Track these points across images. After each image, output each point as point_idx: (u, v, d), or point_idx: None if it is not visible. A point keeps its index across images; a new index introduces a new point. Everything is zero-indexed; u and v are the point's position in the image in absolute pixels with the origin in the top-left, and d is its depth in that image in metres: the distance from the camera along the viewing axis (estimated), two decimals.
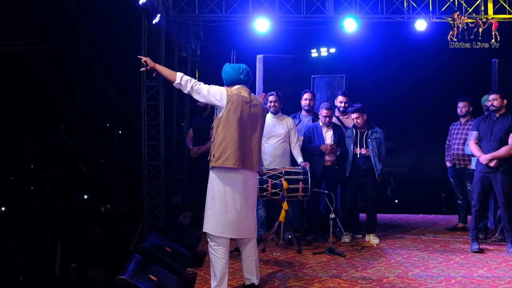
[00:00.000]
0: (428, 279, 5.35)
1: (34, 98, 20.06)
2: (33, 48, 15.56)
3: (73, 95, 23.30)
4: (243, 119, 4.69)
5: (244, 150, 4.70)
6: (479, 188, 6.42)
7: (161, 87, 8.47)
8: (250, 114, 4.74)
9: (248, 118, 4.73)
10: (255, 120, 4.79)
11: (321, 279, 5.36)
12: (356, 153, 6.92)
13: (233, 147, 4.64)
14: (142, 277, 4.44)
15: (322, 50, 17.88)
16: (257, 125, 4.82)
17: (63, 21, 16.53)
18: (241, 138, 4.67)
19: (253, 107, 4.77)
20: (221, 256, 4.71)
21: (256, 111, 4.80)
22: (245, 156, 4.71)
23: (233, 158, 4.64)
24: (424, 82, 17.26)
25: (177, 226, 6.57)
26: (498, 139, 6.29)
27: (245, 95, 4.76)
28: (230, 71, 4.84)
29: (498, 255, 6.26)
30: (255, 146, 4.79)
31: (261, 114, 4.87)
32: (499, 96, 6.38)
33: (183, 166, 9.68)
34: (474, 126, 6.54)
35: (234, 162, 4.64)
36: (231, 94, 4.68)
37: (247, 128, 4.73)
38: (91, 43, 17.24)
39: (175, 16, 8.81)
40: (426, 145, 20.88)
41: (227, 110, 4.65)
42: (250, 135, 4.76)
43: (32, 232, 10.78)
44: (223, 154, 4.64)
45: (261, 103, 4.91)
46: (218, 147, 4.66)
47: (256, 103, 4.82)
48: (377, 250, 6.60)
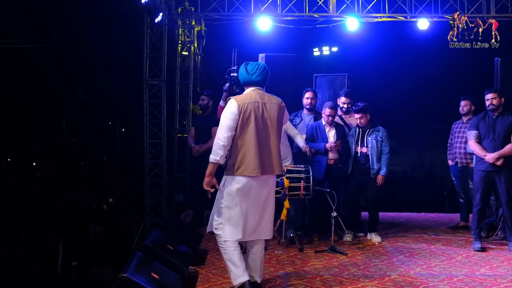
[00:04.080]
0: (430, 277, 5.36)
1: (36, 96, 20.04)
2: (35, 47, 15.58)
3: (75, 93, 23.29)
4: (258, 125, 4.61)
5: (263, 156, 4.64)
6: (482, 187, 6.42)
7: (163, 85, 8.47)
8: (264, 117, 4.65)
9: (262, 122, 4.64)
10: (271, 121, 4.68)
11: (323, 277, 5.37)
12: (357, 151, 6.95)
13: (251, 156, 4.58)
14: (144, 274, 4.45)
15: (324, 49, 17.85)
16: (274, 126, 4.70)
17: (65, 20, 16.51)
18: (259, 145, 4.61)
19: (267, 110, 4.66)
20: (234, 248, 4.66)
21: (271, 113, 4.68)
22: (265, 162, 4.65)
23: (252, 167, 4.58)
24: (426, 81, 17.23)
25: (179, 224, 6.59)
26: (502, 137, 6.31)
27: (256, 99, 4.64)
28: (242, 72, 4.75)
29: (500, 254, 6.26)
30: (274, 148, 4.70)
31: (277, 113, 4.72)
32: (497, 95, 6.42)
33: (185, 164, 9.68)
34: (473, 126, 6.52)
35: (253, 170, 4.58)
36: (242, 104, 4.59)
37: (263, 133, 4.65)
38: (93, 42, 17.24)
39: (177, 14, 8.81)
40: (428, 143, 20.81)
41: (240, 121, 4.57)
42: (268, 139, 4.68)
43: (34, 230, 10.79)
44: (242, 164, 4.58)
45: (277, 101, 4.76)
46: (237, 157, 4.60)
47: (271, 104, 4.70)
48: (379, 249, 6.61)
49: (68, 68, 19.83)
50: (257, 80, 4.71)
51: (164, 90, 8.50)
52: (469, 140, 6.56)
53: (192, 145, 7.82)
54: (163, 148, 8.51)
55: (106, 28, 16.38)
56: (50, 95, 20.51)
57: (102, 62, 19.18)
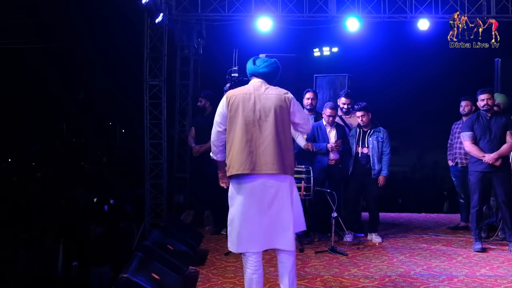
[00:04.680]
0: (430, 278, 5.36)
1: (36, 96, 20.07)
2: (35, 47, 15.59)
3: (75, 93, 23.32)
4: (246, 118, 4.16)
5: (254, 152, 4.13)
6: (480, 188, 6.42)
7: (164, 85, 8.48)
8: (256, 110, 4.15)
9: (254, 114, 4.16)
10: (265, 114, 4.16)
11: (323, 278, 5.37)
12: (358, 152, 6.96)
13: (237, 151, 4.14)
14: (144, 275, 4.45)
15: (325, 49, 17.88)
16: (271, 118, 4.15)
17: (66, 20, 16.53)
18: (247, 139, 4.13)
19: (261, 101, 4.18)
20: (248, 265, 4.18)
21: (266, 104, 4.17)
22: (257, 159, 4.13)
23: (238, 164, 4.12)
24: (427, 81, 17.25)
25: (179, 224, 6.59)
26: (499, 137, 6.32)
27: (249, 91, 4.23)
28: (249, 65, 4.39)
29: (500, 254, 6.26)
30: (270, 143, 4.12)
31: (276, 104, 4.18)
32: (492, 95, 6.43)
33: (185, 164, 9.69)
34: (468, 127, 6.49)
35: (238, 168, 4.12)
36: (229, 96, 4.24)
37: (254, 126, 4.15)
38: (93, 42, 17.27)
39: (178, 15, 8.81)
40: (428, 144, 20.85)
41: (229, 115, 4.21)
42: (261, 133, 4.14)
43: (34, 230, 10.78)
44: (230, 162, 4.18)
45: (277, 92, 4.26)
46: (228, 155, 4.22)
47: (267, 95, 4.21)
48: (379, 249, 6.60)
49: (69, 69, 19.85)
50: (260, 72, 4.32)
51: (165, 90, 8.49)
52: (465, 142, 6.51)
53: (192, 145, 7.82)
54: (163, 149, 8.51)
55: (106, 28, 16.39)
56: (50, 95, 20.53)
57: (102, 63, 19.20)
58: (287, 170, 4.19)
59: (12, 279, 9.12)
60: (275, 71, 4.41)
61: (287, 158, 4.20)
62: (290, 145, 4.28)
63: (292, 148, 4.39)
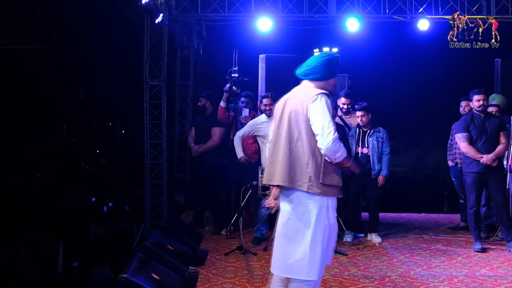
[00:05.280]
0: (430, 278, 5.36)
1: (36, 96, 20.06)
2: (35, 47, 15.57)
3: (75, 94, 23.32)
4: (277, 126, 3.86)
5: (273, 161, 3.83)
6: (477, 189, 6.42)
7: (164, 86, 8.48)
8: (283, 117, 3.81)
9: (281, 122, 3.83)
10: (288, 121, 3.78)
11: (323, 278, 5.33)
12: (358, 152, 6.96)
13: (266, 162, 3.97)
14: (144, 275, 4.46)
15: (325, 50, 17.86)
16: (289, 125, 3.76)
17: (65, 20, 16.52)
18: (272, 148, 3.86)
19: (287, 107, 3.81)
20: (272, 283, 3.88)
21: (291, 110, 3.78)
22: (271, 168, 3.83)
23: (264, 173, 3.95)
24: (427, 81, 17.23)
25: (179, 224, 6.60)
26: (494, 138, 6.33)
27: (286, 97, 3.89)
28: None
29: (500, 254, 6.26)
30: (281, 151, 3.75)
31: (297, 110, 3.75)
32: (487, 96, 6.46)
33: (185, 165, 9.69)
34: (463, 128, 6.46)
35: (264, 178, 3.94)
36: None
37: (278, 134, 3.82)
38: (93, 42, 17.24)
39: (178, 15, 8.82)
40: (428, 144, 20.84)
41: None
42: (279, 141, 3.78)
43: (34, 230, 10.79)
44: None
45: (302, 97, 3.77)
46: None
47: (294, 100, 3.81)
48: (379, 249, 6.61)
49: (68, 69, 19.83)
50: (299, 73, 3.92)
51: (165, 91, 8.50)
52: (462, 143, 6.49)
53: (191, 145, 7.83)
54: (163, 149, 8.51)
55: (106, 28, 16.38)
56: (50, 95, 20.52)
57: (102, 63, 19.18)
58: (283, 179, 3.72)
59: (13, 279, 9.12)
60: (314, 64, 3.85)
61: (290, 166, 3.72)
62: (303, 157, 3.71)
63: (311, 161, 3.71)
